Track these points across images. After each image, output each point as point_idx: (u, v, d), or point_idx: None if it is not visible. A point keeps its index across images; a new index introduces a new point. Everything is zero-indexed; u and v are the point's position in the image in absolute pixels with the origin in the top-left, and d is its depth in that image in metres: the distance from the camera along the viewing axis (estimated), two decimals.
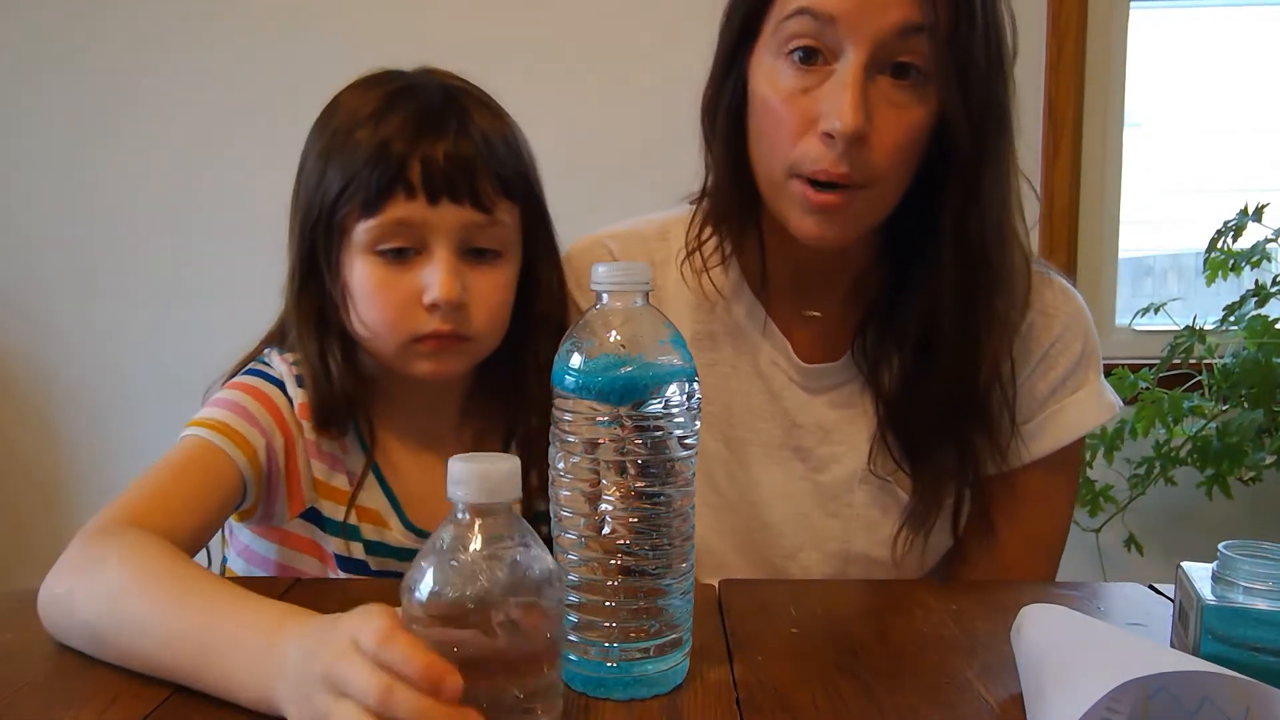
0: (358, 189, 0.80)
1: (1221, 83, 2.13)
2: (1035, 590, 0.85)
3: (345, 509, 0.88)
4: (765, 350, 0.96)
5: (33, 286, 2.05)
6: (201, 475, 0.81)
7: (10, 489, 2.09)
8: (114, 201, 2.02)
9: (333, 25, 1.95)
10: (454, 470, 0.51)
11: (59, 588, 0.69)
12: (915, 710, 0.61)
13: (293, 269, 0.87)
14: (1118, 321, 2.03)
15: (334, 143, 0.83)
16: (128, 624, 0.64)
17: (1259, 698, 0.52)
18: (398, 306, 0.82)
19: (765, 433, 0.96)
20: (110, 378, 2.05)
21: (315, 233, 0.84)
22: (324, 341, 0.86)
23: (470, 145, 0.81)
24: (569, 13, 1.93)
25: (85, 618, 0.66)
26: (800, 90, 0.80)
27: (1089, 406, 0.94)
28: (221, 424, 0.83)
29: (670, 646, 0.63)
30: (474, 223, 0.82)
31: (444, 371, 0.85)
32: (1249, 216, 1.69)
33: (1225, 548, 0.60)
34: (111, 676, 0.64)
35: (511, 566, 0.51)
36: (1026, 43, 2.11)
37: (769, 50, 0.82)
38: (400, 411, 0.91)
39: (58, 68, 2.00)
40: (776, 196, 0.85)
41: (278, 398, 0.87)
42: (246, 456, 0.83)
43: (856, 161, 0.79)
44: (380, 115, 0.81)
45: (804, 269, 0.94)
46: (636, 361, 0.61)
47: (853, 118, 0.76)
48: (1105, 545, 1.79)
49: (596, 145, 1.91)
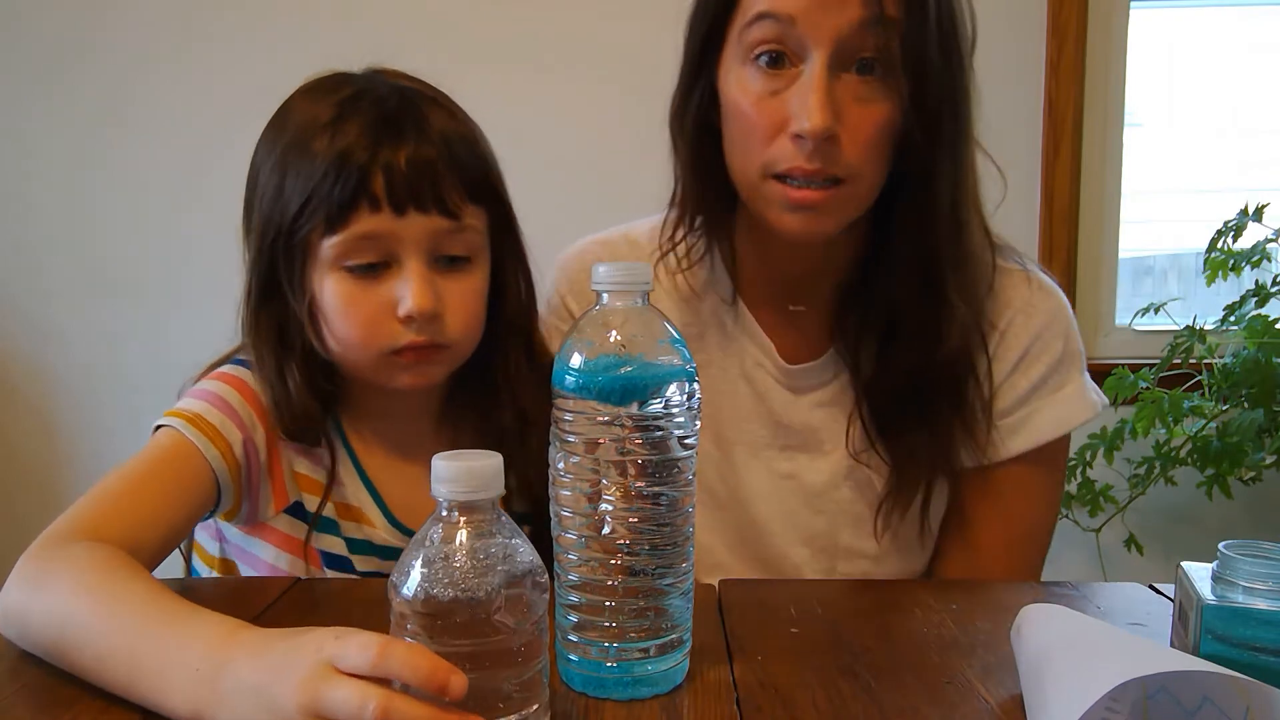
0: (319, 204, 0.78)
1: (1221, 83, 2.13)
2: (1035, 590, 0.85)
3: (320, 500, 0.87)
4: (750, 352, 0.97)
5: (33, 287, 2.05)
6: (172, 478, 0.78)
7: (10, 489, 2.10)
8: (115, 202, 2.02)
9: (333, 27, 1.95)
10: (438, 468, 0.52)
11: (12, 604, 0.67)
12: (915, 710, 0.61)
13: (249, 286, 0.85)
14: (1118, 321, 2.03)
15: (289, 154, 0.80)
16: (71, 642, 0.62)
17: (1259, 698, 0.52)
18: (372, 321, 0.80)
19: (751, 433, 0.98)
20: (110, 378, 2.05)
21: (275, 250, 0.81)
22: (283, 361, 0.84)
23: (431, 148, 0.80)
24: (570, 13, 1.94)
25: (36, 636, 0.65)
26: (769, 94, 0.82)
27: (1071, 404, 0.94)
28: (197, 416, 0.81)
29: (670, 646, 0.63)
30: (442, 230, 0.81)
31: (424, 382, 0.85)
32: (1249, 216, 1.69)
33: (1225, 548, 0.60)
34: None
35: (497, 561, 0.51)
36: (1026, 43, 2.12)
37: (735, 58, 0.84)
38: (377, 417, 0.91)
39: (58, 71, 2.00)
40: (755, 198, 0.86)
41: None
42: (220, 452, 0.80)
43: (829, 159, 0.80)
44: (336, 123, 0.79)
45: (784, 268, 0.95)
46: (637, 361, 0.61)
47: (820, 117, 0.78)
48: (1105, 545, 1.80)
49: (596, 146, 1.91)
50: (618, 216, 1.06)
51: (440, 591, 0.50)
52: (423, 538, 0.52)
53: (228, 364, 0.88)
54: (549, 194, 0.95)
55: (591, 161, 1.90)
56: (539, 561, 0.54)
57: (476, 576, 0.51)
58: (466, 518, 0.52)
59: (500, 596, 0.51)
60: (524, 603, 0.52)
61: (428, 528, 0.52)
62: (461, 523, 0.52)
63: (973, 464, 0.94)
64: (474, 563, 0.51)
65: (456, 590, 0.50)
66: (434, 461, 0.52)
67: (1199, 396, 1.69)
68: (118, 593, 0.64)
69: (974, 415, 0.91)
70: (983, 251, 0.91)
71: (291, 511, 0.87)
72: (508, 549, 0.52)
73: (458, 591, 0.50)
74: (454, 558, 0.51)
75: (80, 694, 0.61)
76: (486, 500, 0.52)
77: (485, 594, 0.51)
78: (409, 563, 0.51)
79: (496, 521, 0.53)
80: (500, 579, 0.51)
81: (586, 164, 1.90)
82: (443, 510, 0.52)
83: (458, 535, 0.52)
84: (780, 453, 0.97)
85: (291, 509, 0.87)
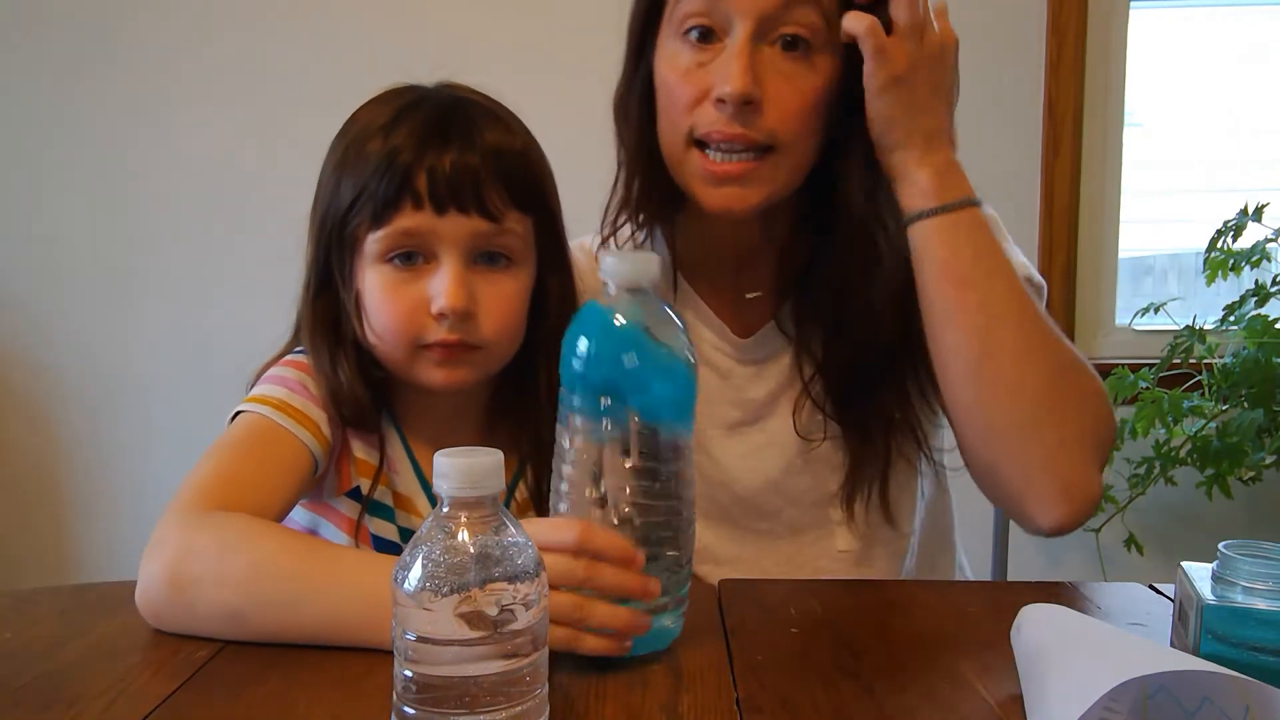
0: (367, 200, 0.82)
1: (1221, 83, 2.13)
2: (1035, 590, 0.85)
3: (370, 484, 0.89)
4: (706, 336, 0.99)
5: (34, 287, 2.05)
6: (272, 457, 0.81)
7: (11, 489, 2.10)
8: (116, 203, 2.03)
9: (353, 32, 1.95)
10: (438, 464, 0.52)
11: (185, 577, 0.70)
12: (915, 710, 0.61)
13: (308, 278, 0.89)
14: (1118, 321, 2.03)
15: (347, 155, 0.85)
16: (262, 595, 0.68)
17: (1259, 698, 0.52)
18: (406, 314, 0.83)
19: (720, 415, 0.99)
20: (111, 378, 2.06)
21: (329, 243, 0.86)
22: (335, 350, 0.87)
23: (475, 156, 0.82)
24: (573, 13, 1.94)
25: (225, 600, 0.69)
26: (695, 65, 0.85)
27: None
28: (282, 402, 0.84)
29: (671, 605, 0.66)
30: (482, 232, 0.83)
31: (454, 381, 0.85)
32: (1249, 216, 1.69)
33: (1225, 548, 0.60)
34: (112, 676, 0.64)
35: (498, 555, 0.52)
36: (1026, 43, 2.12)
37: (669, 36, 0.87)
38: (424, 420, 0.92)
39: (67, 72, 2.00)
40: (680, 171, 0.88)
41: None
42: (310, 432, 0.84)
43: (749, 123, 0.83)
44: (390, 127, 0.83)
45: (732, 251, 0.97)
46: (639, 349, 0.64)
47: (740, 80, 0.81)
48: (1105, 545, 1.80)
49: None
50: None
51: (440, 587, 0.50)
52: (425, 533, 0.52)
53: (290, 354, 0.91)
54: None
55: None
56: (539, 557, 0.54)
57: (476, 572, 0.51)
58: (467, 514, 0.52)
59: (501, 592, 0.51)
60: (525, 597, 0.52)
61: (429, 523, 0.53)
62: (463, 519, 0.52)
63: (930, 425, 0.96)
64: (474, 558, 0.51)
65: (455, 586, 0.50)
66: (435, 458, 0.52)
67: (1199, 396, 1.70)
68: (292, 544, 0.71)
69: (923, 377, 0.92)
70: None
71: (352, 495, 0.90)
72: (508, 545, 0.53)
73: (457, 587, 0.50)
74: (454, 553, 0.51)
75: (80, 694, 0.62)
76: (487, 496, 0.53)
77: (485, 589, 0.51)
78: (410, 558, 0.52)
79: (498, 517, 0.53)
80: (501, 574, 0.51)
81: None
82: (444, 506, 0.53)
83: (459, 531, 0.52)
84: (753, 426, 0.99)
85: (352, 492, 0.90)
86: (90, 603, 0.80)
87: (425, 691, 0.51)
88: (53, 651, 0.68)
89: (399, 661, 0.52)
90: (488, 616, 0.51)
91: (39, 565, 2.11)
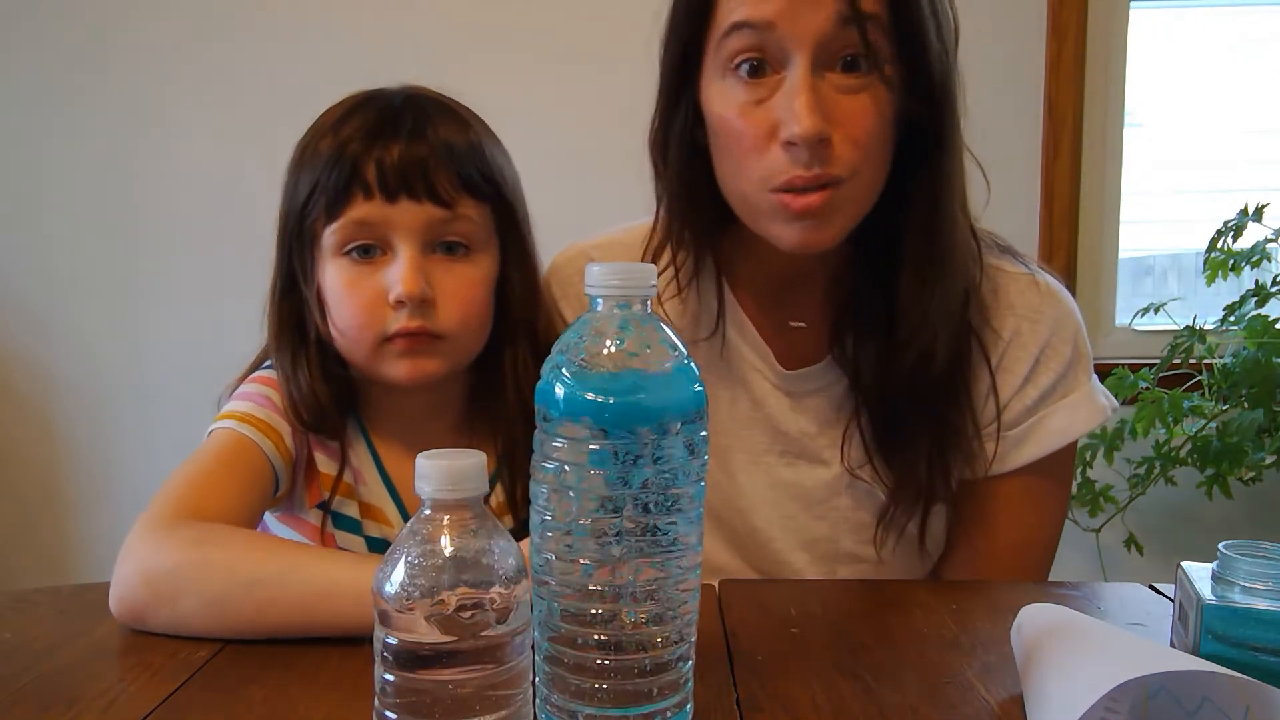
0: (320, 194, 0.83)
1: (1221, 83, 2.13)
2: (1035, 590, 0.85)
3: (330, 492, 0.89)
4: (747, 358, 0.96)
5: (34, 287, 2.05)
6: (242, 468, 0.83)
7: (11, 489, 2.10)
8: (117, 203, 2.02)
9: (352, 33, 1.95)
10: (419, 466, 0.52)
11: (161, 571, 0.71)
12: (915, 710, 0.61)
13: (274, 280, 0.90)
14: (1118, 321, 2.03)
15: (304, 155, 0.86)
16: (241, 593, 0.69)
17: (1259, 698, 0.52)
18: (366, 306, 0.83)
19: (749, 440, 0.96)
20: (111, 378, 2.06)
21: (290, 242, 0.87)
22: (298, 350, 0.88)
23: (425, 146, 0.83)
24: (572, 12, 1.94)
25: (207, 586, 0.70)
26: (754, 103, 0.79)
27: (1079, 411, 0.92)
28: (248, 415, 0.86)
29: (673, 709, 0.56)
30: (436, 219, 0.83)
31: (420, 373, 0.85)
32: (1249, 216, 1.69)
33: (1225, 548, 0.60)
34: (111, 676, 0.64)
35: (479, 559, 0.51)
36: (1026, 43, 2.12)
37: (715, 72, 0.82)
38: (397, 418, 0.92)
39: (74, 74, 2.00)
40: (754, 214, 0.84)
41: None
42: (273, 443, 0.85)
43: (824, 161, 0.78)
44: (340, 124, 0.84)
45: (782, 277, 0.94)
46: (635, 379, 0.52)
47: (809, 121, 0.76)
48: (1105, 545, 1.80)
49: (594, 145, 1.91)
50: (610, 218, 1.04)
51: (421, 591, 0.50)
52: (406, 536, 0.52)
53: (260, 369, 0.92)
54: (541, 194, 0.95)
55: (593, 162, 1.90)
56: (522, 562, 0.54)
57: (457, 575, 0.50)
58: (449, 517, 0.52)
59: (482, 595, 0.51)
60: (506, 603, 0.51)
61: (411, 526, 0.52)
62: (444, 522, 0.52)
63: (974, 476, 0.92)
64: (455, 562, 0.51)
65: (437, 589, 0.50)
66: (417, 460, 0.52)
67: (1199, 396, 1.69)
68: (269, 537, 0.74)
69: (973, 431, 0.90)
70: (967, 246, 0.89)
71: (321, 507, 0.90)
72: (490, 549, 0.52)
73: (438, 591, 0.50)
74: (435, 557, 0.51)
75: (80, 694, 0.62)
76: (469, 499, 0.52)
77: (459, 593, 0.50)
78: (391, 562, 0.51)
79: (480, 521, 0.52)
80: (479, 577, 0.51)
81: (588, 164, 1.90)
82: (425, 509, 0.52)
83: (440, 535, 0.51)
84: (779, 459, 0.96)
85: (322, 504, 0.90)
86: (90, 603, 0.80)
87: (403, 695, 0.50)
88: (53, 651, 0.68)
89: (378, 664, 0.51)
90: (460, 621, 0.50)
91: (39, 565, 2.11)
